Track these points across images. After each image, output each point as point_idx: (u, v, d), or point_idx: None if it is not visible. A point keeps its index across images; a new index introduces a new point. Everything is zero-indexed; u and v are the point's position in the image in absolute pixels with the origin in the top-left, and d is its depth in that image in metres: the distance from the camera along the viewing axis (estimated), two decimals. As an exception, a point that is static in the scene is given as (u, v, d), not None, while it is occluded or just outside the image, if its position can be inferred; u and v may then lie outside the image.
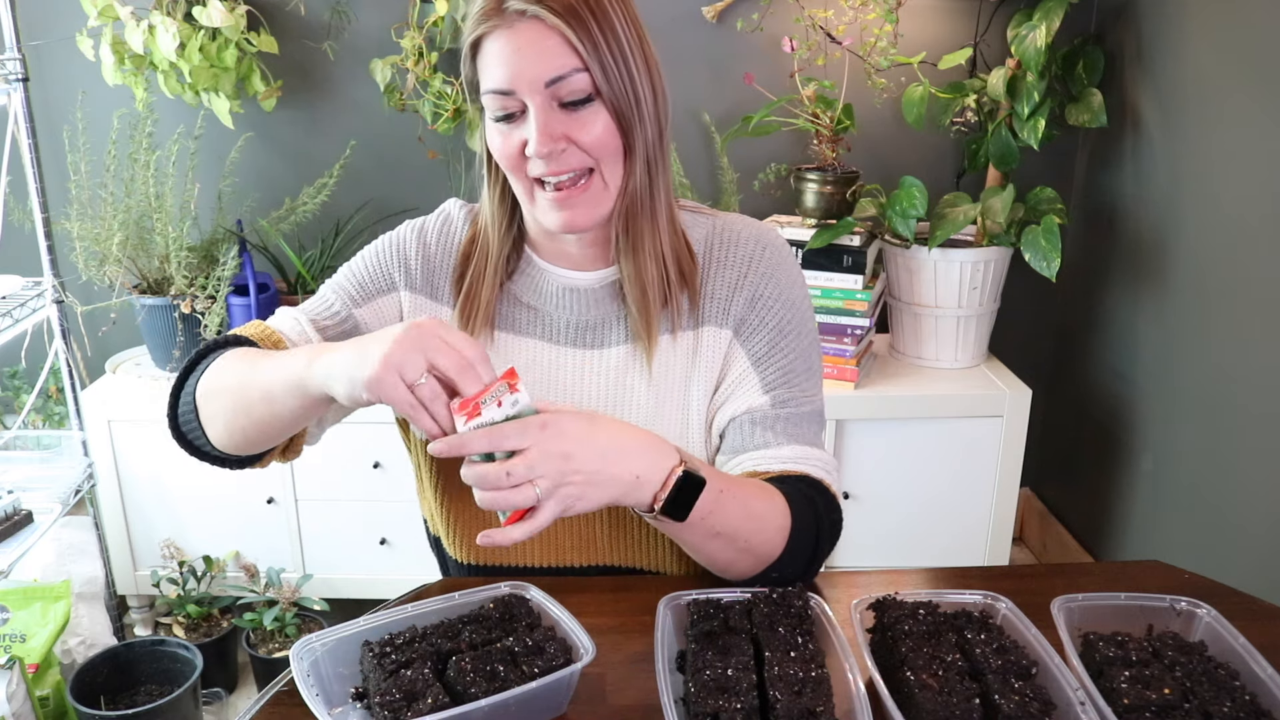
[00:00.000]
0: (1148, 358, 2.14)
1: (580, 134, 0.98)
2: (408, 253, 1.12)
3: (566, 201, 1.00)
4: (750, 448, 1.06)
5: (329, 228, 2.32)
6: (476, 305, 1.09)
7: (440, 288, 1.12)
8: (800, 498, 1.01)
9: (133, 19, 2.05)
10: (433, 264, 1.12)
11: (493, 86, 0.97)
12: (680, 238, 1.09)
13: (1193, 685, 0.82)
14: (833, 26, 2.16)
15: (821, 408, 1.12)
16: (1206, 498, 1.91)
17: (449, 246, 1.13)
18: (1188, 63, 1.96)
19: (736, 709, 0.78)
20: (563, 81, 0.96)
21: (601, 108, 0.98)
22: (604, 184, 1.01)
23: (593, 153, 0.99)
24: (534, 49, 0.95)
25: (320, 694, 0.83)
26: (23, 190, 2.01)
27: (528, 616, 0.92)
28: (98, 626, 2.09)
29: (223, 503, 2.17)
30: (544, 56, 0.95)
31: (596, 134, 0.98)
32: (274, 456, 1.07)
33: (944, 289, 2.17)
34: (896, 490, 2.19)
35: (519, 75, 0.96)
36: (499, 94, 0.97)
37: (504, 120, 0.99)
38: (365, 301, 1.11)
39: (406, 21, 2.14)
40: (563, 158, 0.98)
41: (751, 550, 0.98)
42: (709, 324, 1.09)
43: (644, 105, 1.00)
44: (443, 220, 1.15)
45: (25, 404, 2.27)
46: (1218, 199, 1.87)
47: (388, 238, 1.14)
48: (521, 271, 1.11)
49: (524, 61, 0.95)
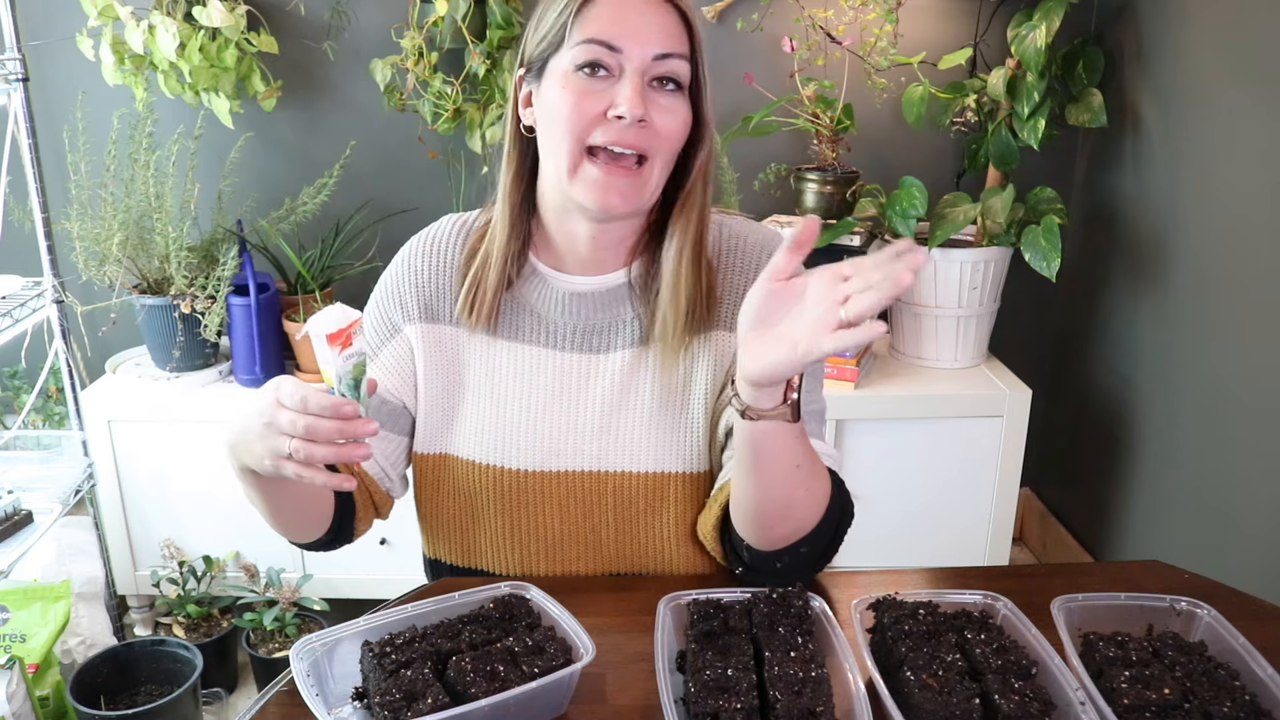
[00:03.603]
0: (1148, 358, 2.14)
1: (660, 118, 0.99)
2: (402, 289, 1.13)
3: (611, 179, 0.99)
4: None
5: (329, 228, 2.32)
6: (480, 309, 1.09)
7: (440, 310, 1.12)
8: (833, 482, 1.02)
9: (133, 19, 2.05)
10: (427, 289, 1.12)
11: (600, 37, 0.97)
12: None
13: (1193, 685, 0.82)
14: (833, 26, 2.16)
15: (824, 408, 1.12)
16: (1206, 498, 1.91)
17: (441, 265, 1.13)
18: (1188, 63, 1.96)
19: (736, 709, 0.78)
20: (667, 60, 0.98)
21: (684, 101, 1.01)
22: (650, 177, 1.01)
23: (661, 141, 0.99)
24: (656, 19, 0.98)
25: (320, 694, 0.83)
26: (23, 190, 2.01)
27: (528, 616, 0.92)
28: (98, 626, 2.09)
29: (223, 503, 2.16)
30: (662, 30, 0.98)
31: (675, 123, 1.00)
32: (360, 526, 1.12)
33: (944, 289, 2.17)
34: (896, 490, 2.19)
35: (632, 35, 0.97)
36: (604, 45, 0.97)
37: (589, 74, 0.98)
38: (383, 348, 1.14)
39: (406, 21, 2.14)
40: (640, 132, 0.98)
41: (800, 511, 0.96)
42: (719, 328, 1.09)
43: (711, 110, 1.04)
44: (433, 239, 1.14)
45: (25, 404, 2.27)
46: (1218, 199, 1.87)
47: (383, 280, 1.16)
48: (525, 278, 1.11)
49: (643, 25, 0.98)
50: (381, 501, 1.13)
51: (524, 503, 1.10)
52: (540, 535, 1.11)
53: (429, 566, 1.22)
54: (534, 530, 1.11)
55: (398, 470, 1.14)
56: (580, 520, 1.10)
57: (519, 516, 1.11)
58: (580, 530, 1.11)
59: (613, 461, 1.09)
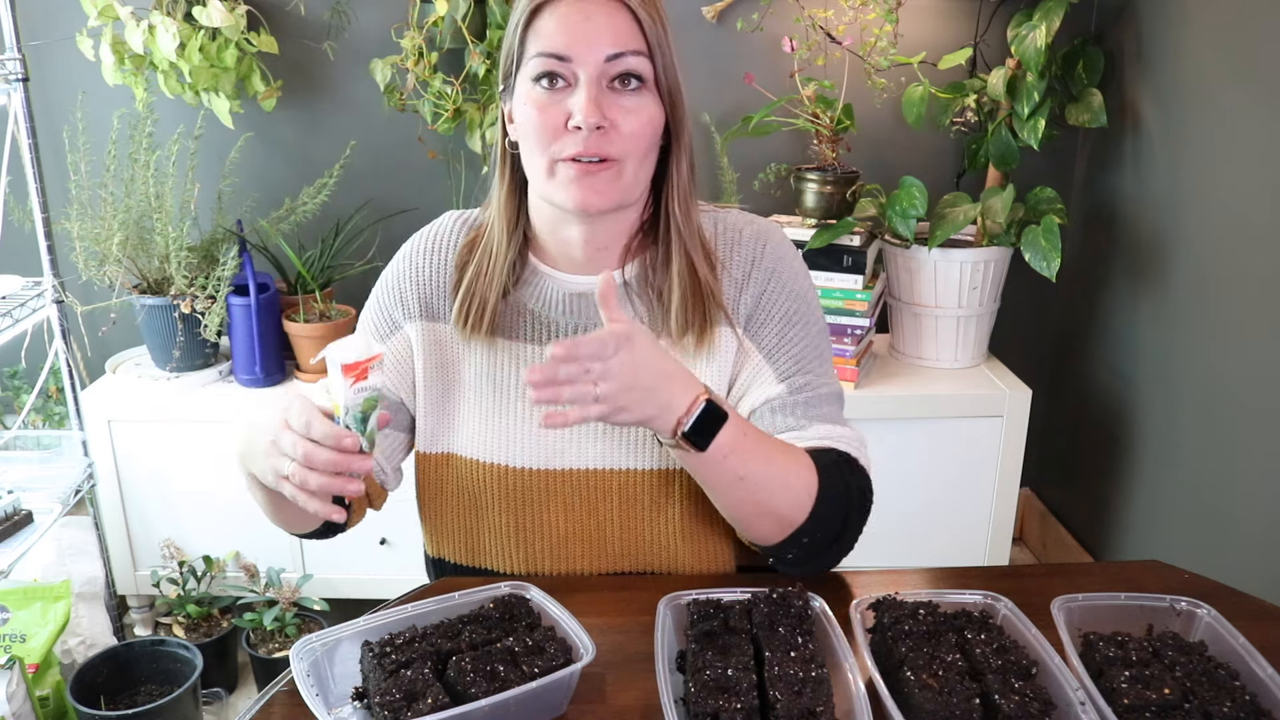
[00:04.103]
0: (1148, 358, 2.14)
1: (623, 119, 0.98)
2: (403, 286, 1.14)
3: (585, 179, 0.99)
4: (777, 431, 1.06)
5: (329, 228, 2.32)
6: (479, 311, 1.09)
7: (439, 308, 1.13)
8: (829, 465, 1.02)
9: (133, 19, 2.05)
10: (428, 288, 1.13)
11: (549, 50, 0.97)
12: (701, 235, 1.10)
13: (1193, 685, 0.82)
14: (833, 26, 2.16)
15: (839, 389, 1.12)
16: (1206, 498, 1.91)
17: (440, 262, 1.13)
18: (1188, 63, 1.96)
19: (736, 709, 0.78)
20: (622, 59, 0.97)
21: (650, 96, 0.99)
22: (624, 173, 1.01)
23: (628, 143, 0.99)
24: (601, 21, 0.96)
25: (320, 694, 0.83)
26: (23, 190, 2.01)
27: (528, 616, 0.92)
28: (98, 626, 2.09)
29: (223, 503, 2.16)
30: (610, 31, 0.96)
31: (639, 122, 0.99)
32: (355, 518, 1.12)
33: (944, 289, 2.17)
34: (896, 490, 2.18)
35: (580, 42, 0.96)
36: (553, 57, 0.97)
37: (546, 86, 0.98)
38: (385, 341, 1.14)
39: (406, 21, 2.14)
40: (601, 138, 0.97)
41: (775, 509, 0.99)
42: (719, 323, 1.09)
43: (682, 100, 1.02)
44: (433, 237, 1.15)
45: (25, 404, 2.27)
46: (1218, 199, 1.87)
47: (384, 276, 1.16)
48: (525, 280, 1.11)
49: (589, 31, 0.96)
50: (376, 494, 1.14)
51: (529, 501, 1.11)
52: (545, 533, 1.11)
53: (432, 566, 1.22)
54: (539, 528, 1.11)
55: (393, 463, 1.15)
56: (585, 518, 1.10)
57: (524, 515, 1.11)
58: (585, 528, 1.11)
59: (617, 459, 1.09)
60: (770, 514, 0.99)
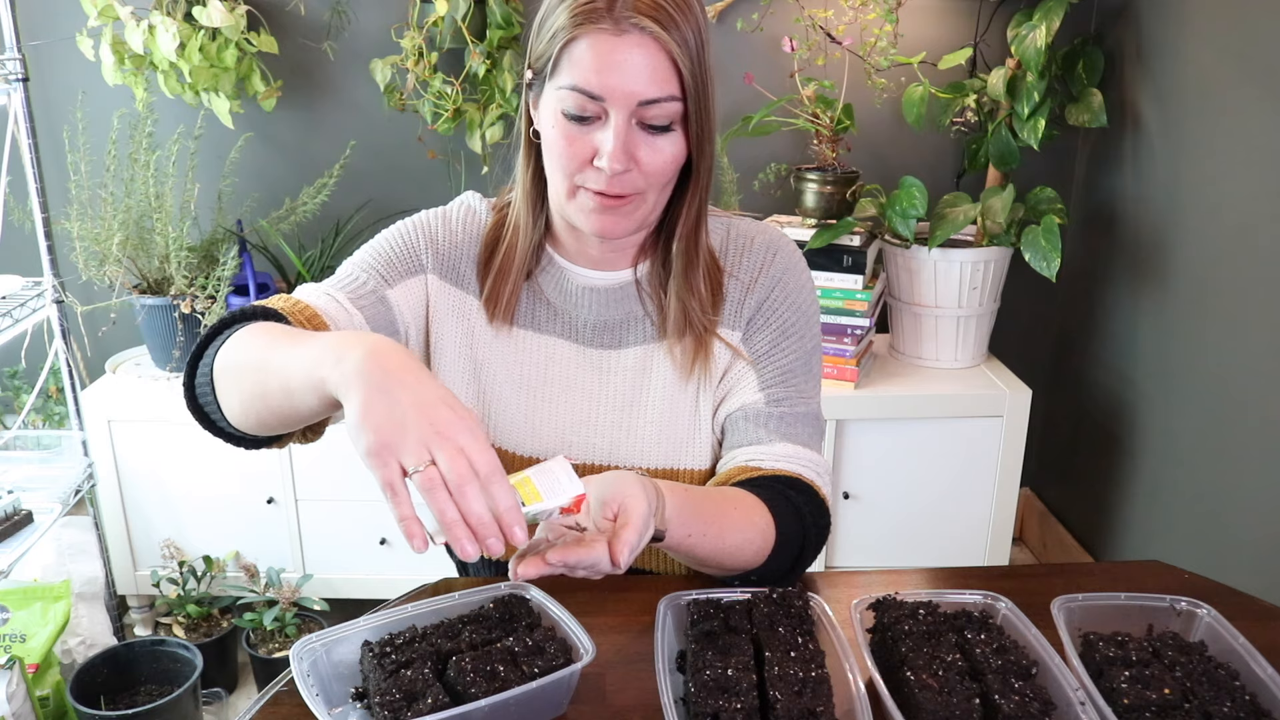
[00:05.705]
0: (1148, 358, 2.14)
1: (648, 158, 0.97)
2: (435, 234, 1.12)
3: (605, 210, 0.99)
4: (744, 443, 1.08)
5: (329, 228, 2.32)
6: (500, 299, 1.09)
7: (465, 275, 1.12)
8: (787, 508, 1.02)
9: (133, 19, 2.05)
10: (459, 250, 1.12)
11: (582, 86, 0.94)
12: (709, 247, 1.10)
13: (1193, 685, 0.82)
14: (833, 26, 2.16)
15: (818, 412, 1.12)
16: (1206, 498, 1.91)
17: (473, 234, 1.13)
18: (1188, 63, 1.96)
19: (736, 709, 0.78)
20: (656, 105, 0.95)
21: (678, 136, 0.98)
22: (643, 206, 1.01)
23: (650, 178, 0.98)
24: (639, 64, 0.93)
25: (320, 694, 0.83)
26: (23, 190, 2.00)
27: (528, 616, 0.92)
28: (98, 626, 2.09)
29: (223, 503, 2.16)
30: (648, 73, 0.93)
31: (663, 161, 0.98)
32: (293, 439, 1.00)
33: (944, 289, 2.17)
34: (896, 490, 2.19)
35: (616, 86, 0.93)
36: (585, 95, 0.95)
37: (575, 121, 0.97)
38: (396, 282, 1.09)
39: (406, 21, 2.14)
40: (625, 178, 0.97)
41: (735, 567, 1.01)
42: (722, 327, 1.10)
43: (712, 142, 1.01)
44: (465, 209, 1.14)
45: (25, 404, 2.27)
46: (1218, 199, 1.87)
47: (412, 220, 1.13)
48: (544, 269, 1.11)
49: (625, 74, 0.93)
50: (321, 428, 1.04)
51: None
52: None
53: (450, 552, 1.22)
54: None
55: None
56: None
57: None
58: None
59: (623, 457, 1.10)
60: (730, 569, 1.02)
